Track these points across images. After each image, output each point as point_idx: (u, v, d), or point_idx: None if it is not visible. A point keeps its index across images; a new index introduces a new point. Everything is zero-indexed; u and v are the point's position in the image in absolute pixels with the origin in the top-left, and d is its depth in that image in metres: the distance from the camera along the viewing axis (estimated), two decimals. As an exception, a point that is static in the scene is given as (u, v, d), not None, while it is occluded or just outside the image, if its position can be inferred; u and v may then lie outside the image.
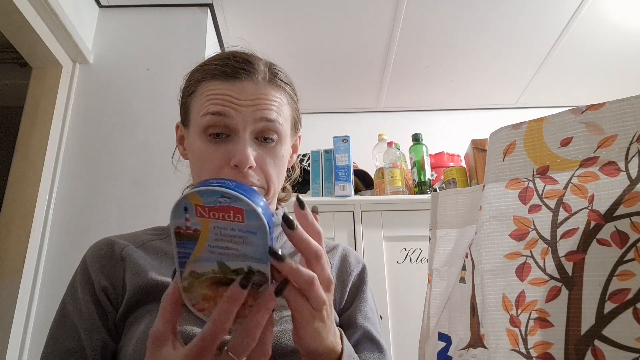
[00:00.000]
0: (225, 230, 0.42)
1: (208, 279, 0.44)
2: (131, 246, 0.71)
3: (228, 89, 0.66)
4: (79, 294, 0.67)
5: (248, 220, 0.41)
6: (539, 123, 0.56)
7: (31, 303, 1.35)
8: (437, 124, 2.56)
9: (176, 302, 0.45)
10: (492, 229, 0.56)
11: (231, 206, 0.41)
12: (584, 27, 1.94)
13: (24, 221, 1.40)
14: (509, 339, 0.52)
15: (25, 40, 1.48)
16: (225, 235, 0.42)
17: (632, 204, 0.47)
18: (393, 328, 1.66)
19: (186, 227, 0.42)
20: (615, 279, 0.46)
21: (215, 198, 0.41)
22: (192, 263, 0.43)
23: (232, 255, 0.42)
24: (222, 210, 0.41)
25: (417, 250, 1.76)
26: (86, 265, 0.70)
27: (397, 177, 1.89)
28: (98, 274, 0.68)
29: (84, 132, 1.59)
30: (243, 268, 0.43)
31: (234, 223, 0.41)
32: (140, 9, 1.79)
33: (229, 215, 0.41)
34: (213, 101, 0.66)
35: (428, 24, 1.93)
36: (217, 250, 0.42)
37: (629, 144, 0.49)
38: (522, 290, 0.52)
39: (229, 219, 0.41)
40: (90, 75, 1.67)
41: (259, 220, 0.41)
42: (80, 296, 0.67)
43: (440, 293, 0.74)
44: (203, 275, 0.44)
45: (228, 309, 0.42)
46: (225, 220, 0.41)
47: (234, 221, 0.41)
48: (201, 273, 0.44)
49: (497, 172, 0.57)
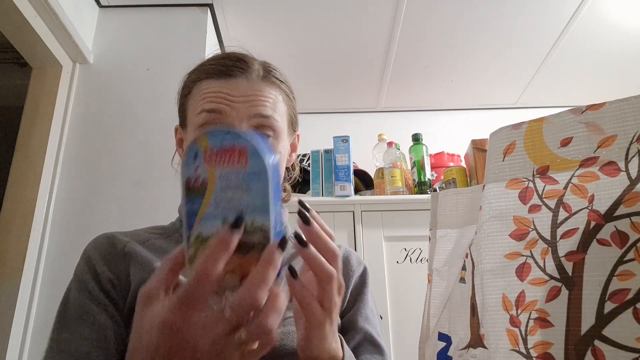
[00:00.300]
0: (230, 177, 0.40)
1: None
2: (133, 242, 0.70)
3: (222, 87, 0.67)
4: (87, 284, 0.66)
5: (251, 160, 0.40)
6: (539, 123, 0.56)
7: (31, 303, 1.34)
8: (437, 124, 2.56)
9: (177, 265, 0.42)
10: (492, 229, 0.56)
11: (235, 146, 0.40)
12: (584, 27, 1.94)
13: (24, 221, 1.40)
14: (509, 339, 0.52)
15: (25, 40, 1.48)
16: (230, 183, 0.40)
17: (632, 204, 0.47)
18: (393, 328, 1.66)
19: (195, 178, 0.41)
20: (616, 279, 0.46)
21: (221, 137, 0.40)
22: (199, 223, 0.41)
23: (236, 208, 0.40)
24: (228, 152, 0.40)
25: (417, 250, 1.76)
26: (89, 258, 0.68)
27: (397, 177, 1.89)
28: (102, 267, 0.67)
29: (84, 132, 1.59)
30: (246, 225, 0.41)
31: (238, 168, 0.40)
32: (140, 9, 1.79)
33: (234, 157, 0.40)
34: (208, 99, 0.66)
35: (428, 24, 1.93)
36: (222, 204, 0.41)
37: (629, 144, 0.49)
38: (522, 290, 0.52)
39: (234, 163, 0.40)
40: (90, 76, 1.67)
41: (259, 160, 0.40)
42: (89, 286, 0.66)
43: (440, 293, 0.74)
44: (207, 240, 0.41)
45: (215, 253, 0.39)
46: (230, 164, 0.40)
47: (238, 165, 0.40)
48: (206, 236, 0.41)
49: (497, 172, 0.57)
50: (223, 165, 0.40)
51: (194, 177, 0.41)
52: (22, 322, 1.32)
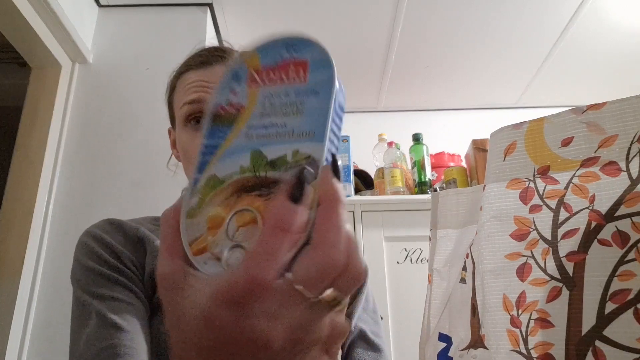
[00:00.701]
0: (277, 98, 0.31)
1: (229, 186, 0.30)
2: (143, 228, 0.66)
3: (201, 76, 0.68)
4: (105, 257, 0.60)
5: (313, 73, 0.31)
6: (539, 123, 0.56)
7: (30, 303, 1.34)
8: (437, 124, 2.55)
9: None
10: (492, 229, 0.56)
11: (295, 60, 0.31)
12: (585, 26, 1.94)
13: (23, 221, 1.39)
14: (509, 340, 0.52)
15: (24, 40, 1.48)
16: (274, 106, 0.31)
17: (633, 204, 0.47)
18: (393, 329, 1.66)
19: (230, 104, 0.32)
20: (616, 279, 0.46)
21: (279, 52, 0.31)
22: (216, 163, 0.31)
23: (275, 136, 0.30)
24: (282, 68, 0.31)
25: (418, 251, 1.76)
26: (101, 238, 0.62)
27: (398, 177, 1.89)
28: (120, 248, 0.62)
29: (83, 132, 1.59)
30: (285, 156, 0.29)
31: (291, 84, 0.31)
32: (140, 9, 1.78)
33: (288, 74, 0.31)
34: (188, 91, 0.67)
35: (428, 24, 1.93)
36: (257, 132, 0.30)
37: (630, 144, 0.49)
38: (523, 290, 0.52)
39: (286, 80, 0.31)
40: (90, 75, 1.67)
41: (327, 69, 0.30)
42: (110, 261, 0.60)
43: (440, 293, 0.74)
44: (222, 182, 0.30)
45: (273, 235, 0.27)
46: (281, 82, 0.31)
47: (292, 82, 0.31)
48: (222, 178, 0.30)
49: (497, 172, 0.57)
50: (271, 85, 0.31)
51: (229, 103, 0.32)
52: (21, 322, 1.31)
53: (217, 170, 0.30)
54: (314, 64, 0.31)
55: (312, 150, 0.29)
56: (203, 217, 0.29)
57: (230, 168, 0.30)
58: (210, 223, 0.29)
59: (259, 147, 0.30)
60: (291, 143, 0.29)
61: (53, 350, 1.31)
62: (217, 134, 0.31)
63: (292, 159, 0.29)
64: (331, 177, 0.28)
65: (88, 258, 0.60)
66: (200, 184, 0.30)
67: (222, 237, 0.29)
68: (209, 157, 0.31)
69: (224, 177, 0.30)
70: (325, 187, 0.28)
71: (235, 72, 0.32)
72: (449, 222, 0.75)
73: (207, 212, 0.29)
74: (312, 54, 0.31)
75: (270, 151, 0.29)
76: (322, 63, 0.31)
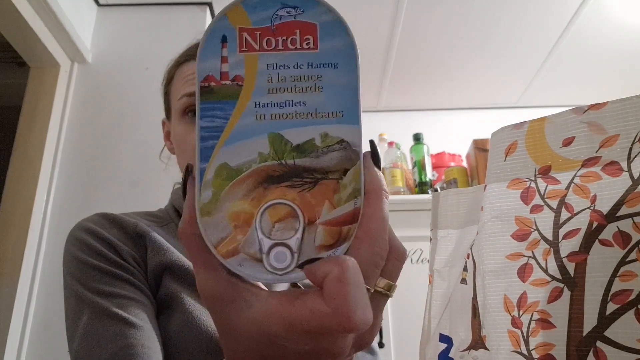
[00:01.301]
0: (285, 69, 0.26)
1: (249, 177, 0.26)
2: (142, 224, 0.63)
3: None
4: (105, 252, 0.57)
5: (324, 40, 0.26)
6: (540, 123, 0.55)
7: (29, 304, 1.34)
8: (438, 124, 2.55)
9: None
10: (493, 229, 0.56)
11: (297, 21, 0.26)
12: (587, 25, 1.94)
13: (22, 221, 1.39)
14: (510, 341, 0.52)
15: (23, 39, 1.47)
16: (283, 78, 0.26)
17: (634, 204, 0.47)
18: (394, 329, 1.66)
19: (221, 73, 0.26)
20: (618, 279, 0.46)
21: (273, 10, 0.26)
22: (223, 149, 0.26)
23: (294, 116, 0.26)
24: (282, 31, 0.26)
25: (418, 251, 1.76)
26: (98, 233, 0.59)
27: (398, 177, 1.89)
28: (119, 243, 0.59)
29: (82, 132, 1.59)
30: (313, 140, 0.26)
31: (299, 52, 0.26)
32: (139, 8, 1.78)
33: (293, 39, 0.26)
34: (188, 82, 0.65)
35: (429, 23, 1.93)
36: (269, 111, 0.26)
37: (631, 144, 0.48)
38: (524, 291, 0.52)
39: (292, 47, 0.26)
40: (89, 75, 1.67)
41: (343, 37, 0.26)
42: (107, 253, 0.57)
43: (441, 294, 0.74)
44: (239, 172, 0.25)
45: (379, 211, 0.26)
46: (285, 49, 0.26)
47: (299, 48, 0.26)
48: (236, 167, 0.26)
49: (498, 172, 0.57)
50: (272, 51, 0.26)
51: (219, 72, 0.26)
52: (20, 322, 1.31)
53: (227, 157, 0.26)
54: (324, 28, 0.26)
55: (344, 134, 0.26)
56: (223, 214, 0.25)
57: (245, 155, 0.26)
58: (236, 220, 0.25)
59: (277, 129, 0.26)
60: (316, 125, 0.26)
61: (52, 351, 1.31)
62: (216, 113, 0.26)
63: (322, 143, 0.26)
64: (374, 166, 0.27)
65: (85, 254, 0.57)
66: (209, 176, 0.26)
67: (257, 235, 0.25)
68: (211, 142, 0.26)
69: (240, 166, 0.26)
70: (370, 177, 0.27)
71: (221, 34, 0.26)
72: (449, 222, 0.75)
73: (227, 207, 0.25)
74: (319, 16, 0.26)
75: (292, 134, 0.26)
76: (333, 27, 0.26)
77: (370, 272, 0.26)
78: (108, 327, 0.51)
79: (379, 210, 0.26)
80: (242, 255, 0.26)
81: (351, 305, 0.23)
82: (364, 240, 0.26)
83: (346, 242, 0.26)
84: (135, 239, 0.61)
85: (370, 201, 0.27)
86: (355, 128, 0.26)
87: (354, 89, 0.26)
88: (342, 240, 0.26)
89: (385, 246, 0.27)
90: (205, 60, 0.26)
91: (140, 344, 0.50)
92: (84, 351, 0.51)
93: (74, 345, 0.53)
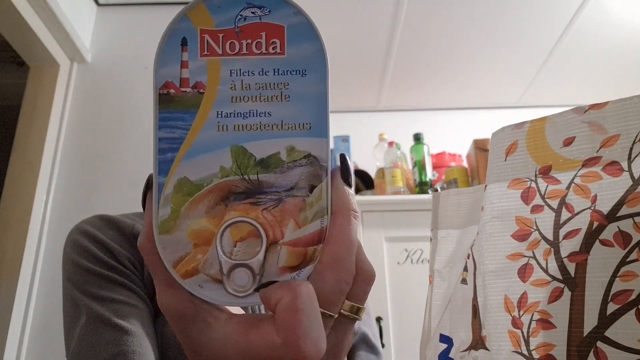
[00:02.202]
0: (249, 76, 0.24)
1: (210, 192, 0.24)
2: (139, 225, 0.62)
3: None
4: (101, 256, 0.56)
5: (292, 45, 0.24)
6: (541, 122, 0.55)
7: (28, 304, 1.34)
8: (438, 124, 2.55)
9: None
10: (494, 229, 0.56)
11: (263, 23, 0.24)
12: (588, 24, 1.93)
13: (21, 221, 1.39)
14: (510, 341, 0.52)
15: (22, 39, 1.47)
16: (247, 86, 0.24)
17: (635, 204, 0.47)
18: (394, 329, 1.66)
19: (181, 80, 0.25)
20: (618, 279, 0.46)
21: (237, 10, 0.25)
22: (183, 162, 0.24)
23: (259, 128, 0.24)
24: (247, 34, 0.25)
25: (419, 251, 1.76)
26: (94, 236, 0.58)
27: (398, 177, 1.88)
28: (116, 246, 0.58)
29: (81, 132, 1.58)
30: (278, 154, 0.24)
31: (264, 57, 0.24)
32: (139, 7, 1.78)
33: (258, 42, 0.24)
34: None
35: (429, 23, 1.93)
36: (232, 122, 0.24)
37: (632, 144, 0.48)
38: (524, 291, 0.52)
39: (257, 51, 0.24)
40: (88, 74, 1.66)
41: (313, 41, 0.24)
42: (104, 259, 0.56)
43: (441, 294, 0.73)
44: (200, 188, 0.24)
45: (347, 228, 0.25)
46: (250, 54, 0.24)
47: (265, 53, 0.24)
48: (197, 182, 0.24)
49: (499, 172, 0.57)
50: (236, 56, 0.24)
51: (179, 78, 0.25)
52: (19, 323, 1.31)
53: (187, 172, 0.24)
54: (292, 31, 0.25)
55: (311, 147, 0.24)
56: (183, 232, 0.24)
57: (206, 169, 0.24)
58: (196, 239, 0.24)
59: (240, 141, 0.24)
60: (282, 137, 0.24)
61: (51, 351, 1.31)
62: (176, 124, 0.25)
63: (288, 157, 0.24)
64: (342, 184, 0.26)
65: (83, 257, 0.57)
66: (168, 191, 0.24)
67: (217, 256, 0.24)
68: (170, 155, 0.24)
69: (200, 181, 0.24)
70: (337, 196, 0.26)
71: (181, 37, 0.25)
72: (450, 223, 0.75)
73: (186, 225, 0.24)
74: (287, 17, 0.25)
75: (257, 147, 0.24)
76: (302, 30, 0.25)
77: (334, 298, 0.26)
78: (102, 335, 0.52)
79: (345, 232, 0.25)
80: (201, 276, 0.24)
81: (301, 336, 0.23)
82: (329, 264, 0.25)
83: (311, 264, 0.25)
84: (133, 241, 0.60)
85: (336, 222, 0.26)
86: (323, 141, 0.25)
87: (322, 99, 0.25)
88: (307, 262, 0.25)
89: (351, 270, 0.26)
90: (164, 65, 0.25)
91: (132, 351, 0.51)
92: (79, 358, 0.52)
93: (70, 350, 0.54)
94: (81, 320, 0.54)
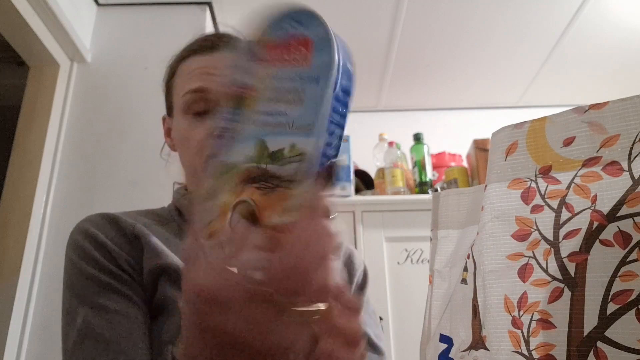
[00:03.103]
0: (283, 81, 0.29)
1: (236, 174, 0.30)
2: (140, 224, 0.63)
3: (206, 62, 0.63)
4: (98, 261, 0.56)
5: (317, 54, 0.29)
6: (541, 122, 0.55)
7: (28, 304, 1.34)
8: (438, 124, 2.55)
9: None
10: (494, 229, 0.56)
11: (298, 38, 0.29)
12: (588, 24, 1.93)
13: (21, 221, 1.39)
14: (510, 341, 0.52)
15: (22, 39, 1.47)
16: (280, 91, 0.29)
17: (635, 204, 0.47)
18: (394, 329, 1.65)
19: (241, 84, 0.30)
20: (618, 279, 0.46)
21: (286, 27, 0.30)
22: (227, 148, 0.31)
23: (277, 126, 0.29)
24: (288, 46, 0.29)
25: (419, 251, 1.76)
26: (95, 237, 0.59)
27: (398, 177, 1.88)
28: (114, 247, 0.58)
29: (81, 132, 1.58)
30: (284, 149, 0.28)
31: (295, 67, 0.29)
32: (139, 8, 1.78)
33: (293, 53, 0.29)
34: (192, 78, 0.63)
35: (429, 23, 1.93)
36: (262, 119, 0.29)
37: (632, 144, 0.48)
38: (524, 291, 0.52)
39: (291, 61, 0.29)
40: (88, 74, 1.66)
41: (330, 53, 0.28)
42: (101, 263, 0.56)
43: (441, 294, 0.73)
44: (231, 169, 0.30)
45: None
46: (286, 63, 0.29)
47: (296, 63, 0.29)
48: (230, 165, 0.30)
49: (499, 172, 0.57)
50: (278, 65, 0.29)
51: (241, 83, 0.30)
52: (19, 323, 1.31)
53: (227, 155, 0.30)
54: (318, 44, 0.29)
55: (307, 147, 0.27)
56: (215, 202, 0.29)
57: (239, 155, 0.29)
58: (221, 209, 0.29)
59: (264, 136, 0.29)
60: (290, 135, 0.28)
61: (51, 351, 1.31)
62: (231, 117, 0.30)
63: (289, 153, 0.28)
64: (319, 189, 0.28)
65: (82, 260, 0.58)
66: (212, 168, 0.30)
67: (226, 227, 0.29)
68: (222, 141, 0.30)
69: (233, 164, 0.29)
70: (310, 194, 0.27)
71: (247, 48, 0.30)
72: (450, 223, 0.75)
73: (218, 197, 0.29)
74: (315, 31, 0.29)
75: (272, 142, 0.28)
76: (323, 43, 0.28)
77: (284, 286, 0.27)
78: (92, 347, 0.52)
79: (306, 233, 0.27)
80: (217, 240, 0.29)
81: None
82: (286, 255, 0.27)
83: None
84: (132, 241, 0.60)
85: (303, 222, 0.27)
86: (316, 142, 0.27)
87: (326, 104, 0.28)
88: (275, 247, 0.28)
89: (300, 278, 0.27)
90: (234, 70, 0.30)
91: None
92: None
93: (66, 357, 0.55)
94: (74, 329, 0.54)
